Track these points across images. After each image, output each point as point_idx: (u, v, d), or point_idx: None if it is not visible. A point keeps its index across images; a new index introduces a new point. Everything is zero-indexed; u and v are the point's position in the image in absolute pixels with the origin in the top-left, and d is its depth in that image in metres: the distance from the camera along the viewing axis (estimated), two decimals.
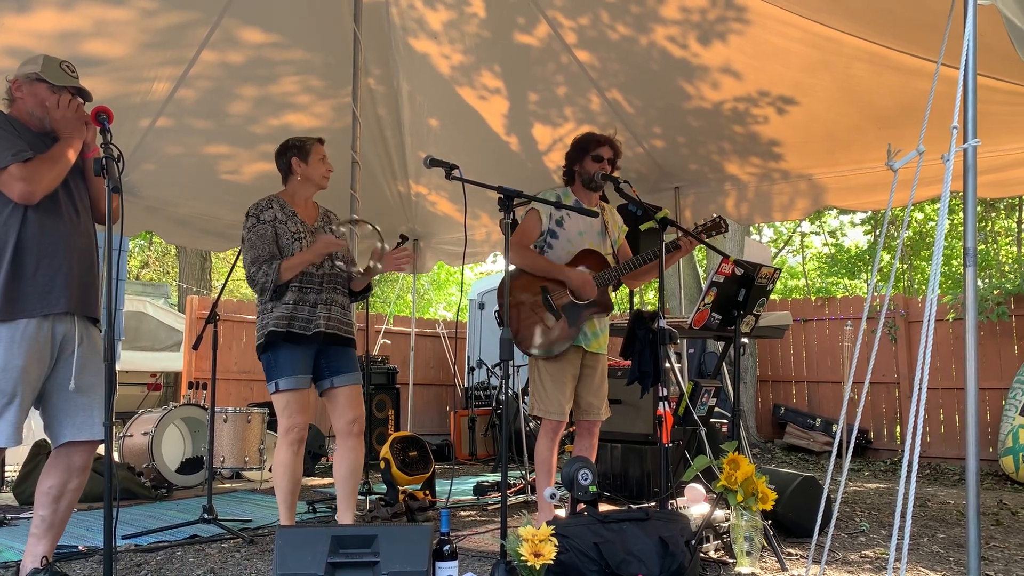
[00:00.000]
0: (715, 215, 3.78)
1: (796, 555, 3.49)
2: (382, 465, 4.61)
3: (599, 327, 3.72)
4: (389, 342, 8.71)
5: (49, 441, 2.81)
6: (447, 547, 2.61)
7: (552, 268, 3.63)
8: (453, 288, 22.21)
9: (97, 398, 2.78)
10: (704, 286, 3.89)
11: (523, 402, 6.78)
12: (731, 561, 3.25)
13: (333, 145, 5.31)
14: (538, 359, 3.61)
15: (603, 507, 3.50)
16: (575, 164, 3.76)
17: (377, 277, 3.61)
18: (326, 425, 7.84)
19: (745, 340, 4.38)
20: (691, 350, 8.29)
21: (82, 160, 2.89)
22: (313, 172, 3.53)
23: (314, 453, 6.98)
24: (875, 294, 8.67)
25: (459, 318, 11.80)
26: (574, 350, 3.62)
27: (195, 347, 4.34)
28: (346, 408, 3.47)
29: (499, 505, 3.11)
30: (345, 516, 3.50)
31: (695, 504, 3.66)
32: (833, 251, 17.66)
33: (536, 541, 2.55)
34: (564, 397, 3.58)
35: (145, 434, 5.67)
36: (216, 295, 4.67)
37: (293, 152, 3.52)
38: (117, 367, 3.12)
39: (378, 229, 3.71)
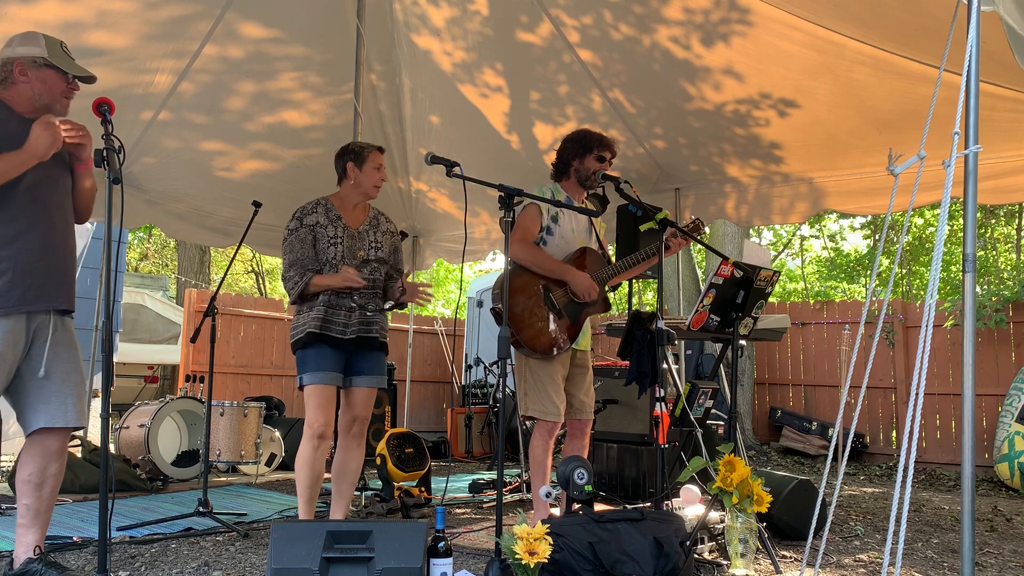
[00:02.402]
0: (694, 217, 3.80)
1: (790, 558, 3.50)
2: (378, 461, 4.62)
3: (587, 324, 3.72)
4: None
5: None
6: (442, 544, 2.61)
7: (557, 268, 3.58)
8: (452, 285, 22.20)
9: (71, 386, 2.77)
10: (703, 288, 3.89)
11: None
12: (725, 563, 3.25)
13: (331, 142, 5.35)
14: (529, 358, 3.59)
15: (598, 507, 3.50)
16: (573, 159, 3.70)
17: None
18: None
19: (743, 342, 4.38)
20: (689, 351, 8.29)
21: (68, 156, 2.86)
22: (365, 180, 3.56)
23: None
24: (874, 298, 8.67)
25: (457, 316, 11.79)
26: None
27: (193, 340, 4.35)
28: (352, 407, 3.56)
29: (494, 503, 3.11)
30: (335, 514, 3.51)
31: (690, 505, 3.66)
32: (832, 255, 17.66)
33: (531, 539, 2.55)
34: (559, 397, 3.57)
35: (141, 426, 5.67)
36: (215, 288, 4.67)
37: (350, 157, 3.56)
38: (114, 359, 3.11)
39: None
